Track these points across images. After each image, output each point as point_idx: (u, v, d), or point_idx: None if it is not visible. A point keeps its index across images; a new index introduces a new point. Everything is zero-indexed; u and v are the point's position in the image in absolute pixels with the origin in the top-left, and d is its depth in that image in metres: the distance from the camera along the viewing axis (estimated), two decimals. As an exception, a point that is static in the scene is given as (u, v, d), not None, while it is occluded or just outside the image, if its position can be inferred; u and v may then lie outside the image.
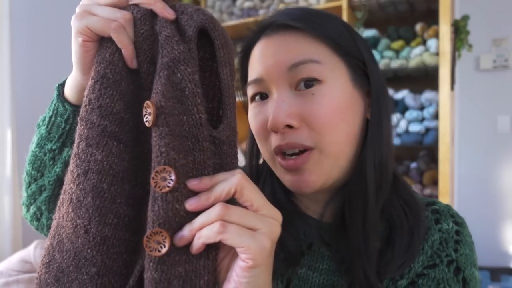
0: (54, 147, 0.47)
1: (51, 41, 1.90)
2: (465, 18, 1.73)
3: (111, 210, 0.36)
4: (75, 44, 0.39)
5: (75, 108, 0.45)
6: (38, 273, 0.39)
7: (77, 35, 0.38)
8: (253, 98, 0.51)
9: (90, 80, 0.37)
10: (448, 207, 0.53)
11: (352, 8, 1.82)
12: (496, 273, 2.15)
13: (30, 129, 2.09)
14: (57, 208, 0.39)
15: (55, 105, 0.46)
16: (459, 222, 0.51)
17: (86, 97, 0.37)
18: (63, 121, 0.46)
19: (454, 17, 1.81)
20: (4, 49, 1.55)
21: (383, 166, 0.49)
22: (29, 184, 0.50)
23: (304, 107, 0.46)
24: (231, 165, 0.38)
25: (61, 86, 0.47)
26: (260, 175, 0.57)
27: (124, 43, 0.37)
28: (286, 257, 0.50)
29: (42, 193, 0.49)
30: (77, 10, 0.38)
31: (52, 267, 0.38)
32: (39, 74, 1.85)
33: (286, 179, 0.49)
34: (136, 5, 0.38)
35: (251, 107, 0.52)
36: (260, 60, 0.49)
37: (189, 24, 0.37)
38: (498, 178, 2.36)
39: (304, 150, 0.47)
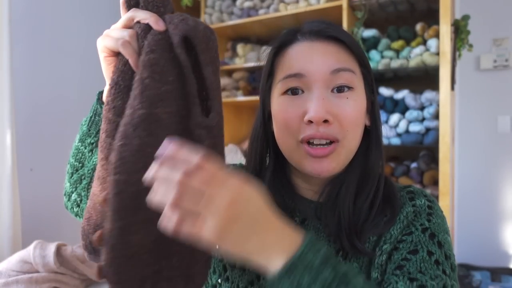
0: (92, 141, 0.58)
1: (50, 41, 1.90)
2: (466, 18, 1.73)
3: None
4: (101, 60, 0.51)
5: None
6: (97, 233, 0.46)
7: (100, 53, 0.50)
8: (286, 91, 0.59)
9: (108, 86, 0.48)
10: (421, 189, 0.63)
11: (352, 8, 1.82)
12: (497, 273, 2.15)
13: (30, 129, 2.08)
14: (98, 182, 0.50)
15: (94, 106, 0.58)
16: (431, 200, 0.61)
17: (106, 99, 0.48)
18: (100, 119, 0.57)
19: (454, 17, 1.81)
20: (4, 49, 1.55)
21: (381, 164, 0.62)
22: (72, 174, 0.61)
23: (339, 108, 0.56)
24: (221, 144, 0.50)
25: (101, 93, 0.58)
26: (263, 165, 0.66)
27: (129, 54, 0.47)
28: None
29: (82, 181, 0.60)
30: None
31: (115, 217, 0.43)
32: (39, 74, 1.85)
33: (308, 164, 0.57)
34: (139, 21, 0.48)
35: (282, 98, 0.59)
36: (304, 59, 0.58)
37: (175, 33, 0.46)
38: (498, 178, 2.36)
39: (330, 142, 0.56)
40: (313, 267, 0.39)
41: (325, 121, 0.55)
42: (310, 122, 0.55)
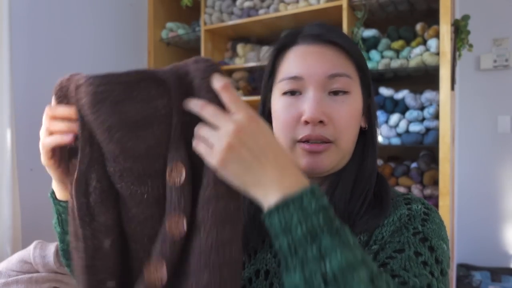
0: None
1: (50, 41, 1.90)
2: (466, 17, 1.73)
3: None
4: (48, 165, 0.56)
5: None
6: None
7: (47, 160, 0.56)
8: (285, 92, 0.61)
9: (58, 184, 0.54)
10: (420, 198, 0.63)
11: (352, 7, 1.82)
12: (497, 273, 2.15)
13: (30, 129, 2.07)
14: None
15: (55, 208, 0.58)
16: (428, 207, 0.61)
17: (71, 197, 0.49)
18: (67, 216, 0.56)
19: (454, 16, 1.80)
20: (4, 49, 1.55)
21: (375, 165, 0.64)
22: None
23: (334, 110, 0.58)
24: None
25: (52, 193, 0.58)
26: None
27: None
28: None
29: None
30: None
31: None
32: (39, 74, 1.85)
33: (305, 160, 0.59)
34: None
35: (282, 98, 0.61)
36: (302, 62, 0.60)
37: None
38: (498, 178, 2.36)
39: (324, 142, 0.59)
40: (305, 211, 0.40)
41: (320, 122, 0.57)
42: (307, 122, 0.58)
